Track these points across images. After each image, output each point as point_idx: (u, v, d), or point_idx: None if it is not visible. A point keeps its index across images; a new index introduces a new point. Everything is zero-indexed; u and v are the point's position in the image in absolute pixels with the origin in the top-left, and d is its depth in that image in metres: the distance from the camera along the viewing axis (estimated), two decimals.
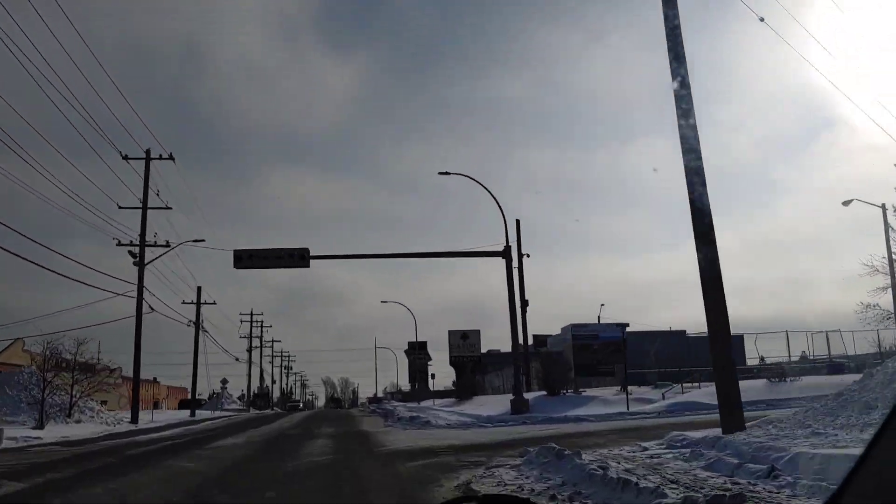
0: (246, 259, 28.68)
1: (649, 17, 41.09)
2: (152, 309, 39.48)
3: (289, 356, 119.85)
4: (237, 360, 68.92)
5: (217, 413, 58.00)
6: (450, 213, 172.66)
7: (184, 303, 49.98)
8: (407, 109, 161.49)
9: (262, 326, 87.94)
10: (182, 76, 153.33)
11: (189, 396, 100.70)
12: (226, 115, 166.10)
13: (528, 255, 41.57)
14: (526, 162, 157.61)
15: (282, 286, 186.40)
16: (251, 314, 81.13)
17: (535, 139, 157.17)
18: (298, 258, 28.76)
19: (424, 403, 59.40)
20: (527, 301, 41.62)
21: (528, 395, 28.83)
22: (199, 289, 50.41)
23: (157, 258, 37.72)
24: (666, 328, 49.94)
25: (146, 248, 37.20)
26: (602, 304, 76.36)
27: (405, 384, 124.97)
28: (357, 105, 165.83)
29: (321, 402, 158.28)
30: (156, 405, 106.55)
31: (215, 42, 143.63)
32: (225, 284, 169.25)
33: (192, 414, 49.19)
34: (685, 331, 45.54)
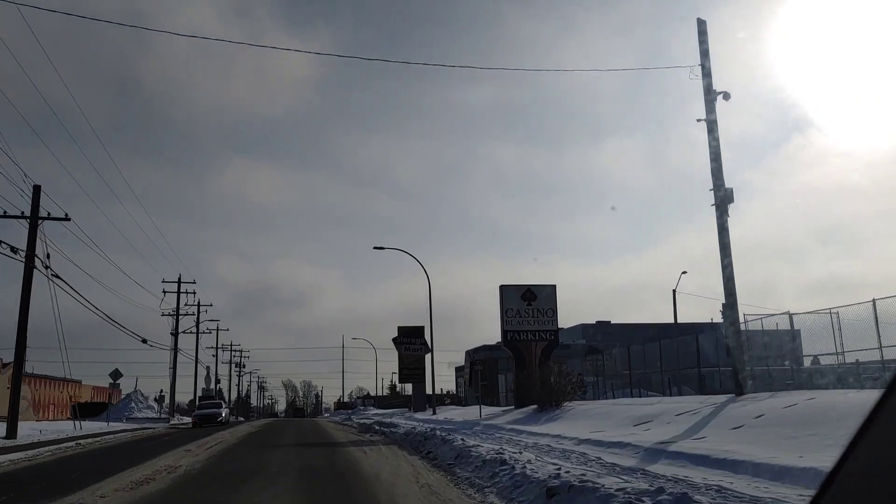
0: None
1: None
2: None
3: (240, 351, 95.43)
4: (145, 342, 44.45)
5: (90, 428, 33.05)
6: (433, 213, 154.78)
7: (4, 215, 25.59)
8: (370, 96, 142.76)
9: (199, 305, 63.31)
10: (125, 50, 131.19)
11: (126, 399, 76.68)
12: (173, 96, 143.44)
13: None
14: (492, 158, 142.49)
15: (239, 285, 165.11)
16: (178, 282, 56.21)
17: (504, 134, 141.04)
18: None
19: (447, 414, 35.64)
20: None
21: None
22: (36, 188, 25.89)
23: None
24: None
25: None
26: (683, 272, 53.41)
27: (375, 387, 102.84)
28: (317, 89, 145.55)
29: (281, 406, 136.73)
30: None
31: (162, 13, 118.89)
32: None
33: (10, 434, 24.63)
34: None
